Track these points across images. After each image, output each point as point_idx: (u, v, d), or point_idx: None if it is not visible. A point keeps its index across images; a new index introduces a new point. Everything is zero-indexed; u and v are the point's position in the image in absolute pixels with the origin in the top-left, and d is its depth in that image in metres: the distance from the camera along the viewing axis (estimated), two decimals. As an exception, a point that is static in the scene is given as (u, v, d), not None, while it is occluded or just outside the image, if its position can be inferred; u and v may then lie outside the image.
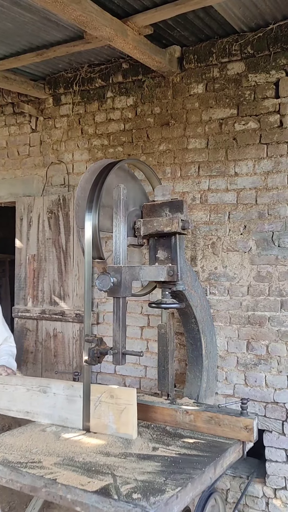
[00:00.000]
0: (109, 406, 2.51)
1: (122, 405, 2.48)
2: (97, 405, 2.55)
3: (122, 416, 2.47)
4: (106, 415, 2.52)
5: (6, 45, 3.51)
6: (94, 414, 2.55)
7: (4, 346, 3.12)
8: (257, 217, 3.26)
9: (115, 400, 2.50)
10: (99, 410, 2.54)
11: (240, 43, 3.25)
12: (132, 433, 2.45)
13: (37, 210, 4.28)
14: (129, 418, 2.46)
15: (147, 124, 3.75)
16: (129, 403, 2.46)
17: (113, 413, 2.50)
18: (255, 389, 3.23)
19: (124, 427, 2.46)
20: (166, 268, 2.78)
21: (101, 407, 2.54)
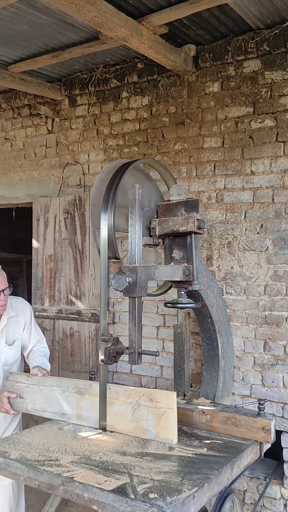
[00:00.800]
0: (148, 409, 2.44)
1: (161, 409, 2.40)
2: (136, 408, 2.47)
3: (162, 420, 2.40)
4: (145, 419, 2.45)
5: (22, 47, 3.55)
6: (133, 418, 2.49)
7: (38, 347, 3.10)
8: (274, 216, 3.23)
9: (155, 403, 2.42)
10: (138, 413, 2.47)
11: (256, 40, 3.22)
12: (173, 438, 2.37)
13: (53, 211, 4.31)
14: (169, 422, 2.38)
15: (162, 123, 3.74)
16: (169, 407, 2.38)
17: (152, 417, 2.43)
18: (272, 389, 3.20)
19: (164, 431, 2.39)
20: (182, 267, 2.77)
21: (139, 410, 2.46)
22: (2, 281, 2.80)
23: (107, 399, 2.56)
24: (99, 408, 2.61)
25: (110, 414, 2.55)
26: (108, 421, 2.56)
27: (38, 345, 3.11)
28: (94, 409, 2.61)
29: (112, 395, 2.56)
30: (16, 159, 4.71)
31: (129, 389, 2.55)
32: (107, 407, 2.56)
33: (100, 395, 2.61)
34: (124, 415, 2.51)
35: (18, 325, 3.02)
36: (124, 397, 2.52)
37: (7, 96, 4.55)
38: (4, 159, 4.81)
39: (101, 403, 2.61)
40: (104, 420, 2.61)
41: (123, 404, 2.52)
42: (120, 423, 2.52)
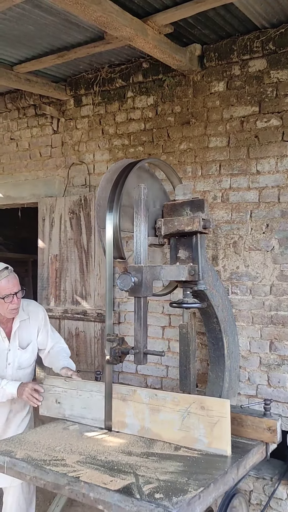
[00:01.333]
0: (200, 418, 2.31)
1: (214, 417, 2.27)
2: (185, 416, 2.35)
3: (215, 429, 2.26)
4: (197, 428, 2.31)
5: (28, 47, 3.56)
6: (182, 426, 2.36)
7: (57, 347, 3.04)
8: (279, 215, 3.22)
9: (207, 411, 2.29)
10: (188, 422, 2.34)
11: (262, 39, 3.21)
12: (227, 448, 2.24)
13: (59, 211, 4.32)
14: (222, 432, 2.25)
15: (168, 123, 3.74)
16: (223, 416, 2.25)
17: (204, 426, 2.30)
18: (278, 389, 3.19)
19: (217, 441, 2.26)
20: (187, 267, 2.76)
21: (190, 419, 2.34)
22: (16, 283, 2.75)
23: (153, 406, 2.46)
24: (105, 408, 2.61)
25: (157, 421, 2.45)
26: (154, 429, 2.46)
27: (57, 345, 3.05)
28: (139, 417, 2.51)
29: (159, 401, 2.45)
30: (21, 159, 4.73)
31: (178, 396, 2.43)
32: (153, 414, 2.46)
33: (106, 395, 2.61)
34: (172, 423, 2.40)
35: (31, 328, 2.96)
36: (172, 404, 2.40)
37: (12, 96, 4.57)
38: (9, 159, 4.82)
39: (107, 403, 2.61)
40: (110, 420, 2.61)
41: (171, 412, 2.40)
42: (167, 431, 2.41)
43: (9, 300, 2.71)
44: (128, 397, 2.54)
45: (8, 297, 2.70)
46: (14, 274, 2.80)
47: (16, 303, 2.75)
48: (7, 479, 2.79)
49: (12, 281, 2.74)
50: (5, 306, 2.72)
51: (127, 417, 2.54)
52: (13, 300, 2.72)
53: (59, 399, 2.76)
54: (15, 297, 2.73)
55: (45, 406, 2.80)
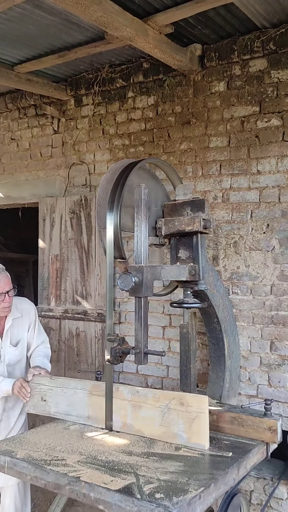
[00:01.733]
0: (179, 414, 2.35)
1: (193, 413, 2.31)
2: (165, 412, 2.39)
3: (194, 425, 2.31)
4: (176, 424, 2.36)
5: (28, 47, 3.56)
6: (163, 422, 2.40)
7: (40, 347, 3.10)
8: (280, 215, 3.22)
9: (186, 407, 2.33)
10: (168, 418, 2.38)
11: (262, 39, 3.21)
12: (205, 443, 2.29)
13: (59, 211, 4.32)
14: (201, 427, 2.30)
15: (168, 123, 3.74)
16: (201, 411, 2.29)
17: (183, 421, 2.34)
18: (279, 389, 3.19)
19: (196, 436, 2.31)
20: (188, 267, 2.76)
21: (170, 414, 2.38)
22: (7, 282, 2.80)
23: (135, 402, 2.49)
24: (105, 408, 2.62)
25: (138, 418, 2.48)
26: (136, 426, 2.48)
27: (42, 345, 3.11)
28: (121, 413, 2.53)
29: (141, 398, 2.48)
30: (22, 159, 4.73)
31: (158, 393, 2.46)
32: (135, 410, 2.49)
33: (106, 395, 2.61)
34: (153, 420, 2.43)
35: (23, 325, 3.02)
36: (153, 401, 2.44)
37: (13, 96, 4.57)
38: (10, 159, 4.82)
39: (107, 403, 2.61)
40: (110, 420, 2.61)
41: (152, 408, 2.44)
42: (149, 427, 2.45)
43: (1, 298, 2.76)
44: None
45: (0, 295, 2.74)
46: (6, 273, 2.84)
47: (8, 302, 2.79)
48: (4, 478, 2.80)
49: (4, 280, 2.78)
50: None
51: None
52: (5, 299, 2.77)
53: (45, 397, 2.79)
54: (7, 295, 2.78)
55: (31, 403, 2.84)
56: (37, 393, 2.81)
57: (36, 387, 2.82)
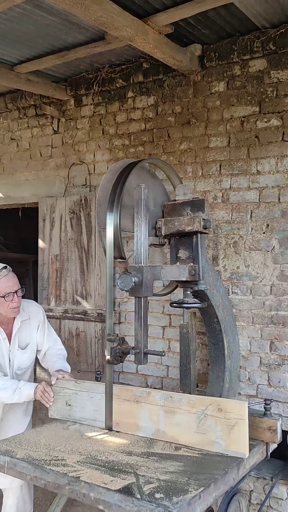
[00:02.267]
0: (217, 420, 2.26)
1: (232, 419, 2.22)
2: (202, 418, 2.30)
3: (233, 432, 2.22)
4: (213, 431, 2.27)
5: (28, 47, 3.56)
6: (199, 429, 2.31)
7: (54, 349, 3.02)
8: (280, 215, 3.22)
9: (224, 414, 2.24)
10: (205, 424, 2.29)
11: (262, 39, 3.21)
12: (245, 451, 2.21)
13: (59, 211, 4.32)
14: (241, 434, 2.20)
15: (168, 123, 3.74)
16: (241, 418, 2.21)
17: (221, 428, 2.25)
18: (278, 389, 3.19)
19: (235, 444, 2.22)
20: (188, 267, 2.77)
21: (206, 421, 2.29)
22: (15, 282, 2.75)
23: (168, 408, 2.41)
24: (105, 408, 2.62)
25: (172, 424, 2.40)
26: (169, 432, 2.41)
27: (54, 347, 3.04)
28: (153, 419, 2.46)
29: (174, 404, 2.39)
30: (22, 159, 4.73)
31: (194, 398, 2.37)
32: (168, 416, 2.41)
33: (106, 395, 2.61)
34: (189, 426, 2.35)
35: (31, 328, 2.96)
36: (188, 406, 2.35)
37: (13, 96, 4.57)
38: (10, 159, 4.82)
39: (107, 402, 2.61)
40: (110, 420, 2.61)
41: (187, 414, 2.35)
42: (183, 434, 2.36)
43: (10, 298, 2.71)
44: (142, 399, 2.50)
45: (9, 295, 2.70)
46: (12, 273, 2.80)
47: (16, 302, 2.74)
48: (6, 481, 2.80)
49: (12, 280, 2.74)
50: (5, 305, 2.72)
51: (141, 420, 2.49)
52: (14, 298, 2.72)
53: (69, 402, 2.71)
54: (16, 295, 2.73)
55: (55, 408, 2.76)
56: (61, 397, 2.73)
57: (60, 391, 2.74)
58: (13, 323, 2.87)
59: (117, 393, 2.57)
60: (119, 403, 2.56)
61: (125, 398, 2.55)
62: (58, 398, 2.74)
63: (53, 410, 2.77)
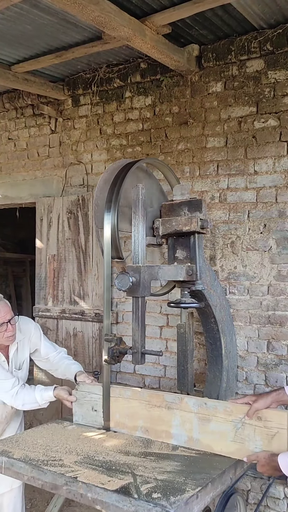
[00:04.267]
0: (256, 429, 2.19)
1: (273, 429, 2.14)
2: (240, 427, 2.22)
3: (274, 442, 2.13)
4: (252, 440, 2.19)
5: (25, 47, 3.56)
6: (236, 438, 2.24)
7: (61, 353, 3.03)
8: (277, 215, 3.23)
9: (264, 422, 2.17)
10: (242, 433, 2.22)
11: (259, 40, 3.21)
12: None
13: (56, 211, 4.32)
14: (281, 444, 2.11)
15: (166, 123, 3.74)
16: (282, 427, 2.13)
17: (261, 437, 2.17)
18: (276, 389, 3.20)
19: None
20: (185, 267, 2.77)
21: (244, 430, 2.21)
22: (8, 311, 2.71)
23: (202, 415, 2.34)
24: (102, 408, 2.62)
25: (207, 432, 2.32)
26: (204, 441, 2.33)
27: (55, 351, 3.03)
28: (186, 427, 2.38)
29: (209, 411, 2.32)
30: (19, 159, 4.72)
31: (231, 405, 2.29)
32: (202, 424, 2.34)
33: (104, 395, 2.62)
34: (225, 435, 2.27)
35: (25, 346, 2.94)
36: (225, 414, 2.28)
37: (10, 96, 4.56)
38: (7, 159, 4.82)
39: (105, 403, 2.61)
40: (108, 420, 2.61)
41: (223, 422, 2.28)
42: (219, 443, 2.28)
43: (4, 329, 2.68)
44: (174, 405, 2.42)
45: (2, 325, 2.67)
46: (5, 301, 2.77)
47: (11, 331, 2.71)
48: (6, 485, 2.79)
49: (4, 309, 2.70)
50: (0, 334, 2.70)
51: (173, 427, 2.42)
52: (8, 328, 2.69)
53: (96, 407, 2.64)
54: (9, 324, 2.69)
55: (80, 413, 2.69)
56: (86, 402, 2.67)
57: (85, 396, 2.68)
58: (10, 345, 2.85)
59: (147, 398, 2.51)
60: (148, 409, 2.49)
61: (155, 404, 2.47)
62: (84, 403, 2.67)
63: (78, 416, 2.71)
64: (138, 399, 2.53)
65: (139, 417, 2.52)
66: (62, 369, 2.97)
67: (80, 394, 2.69)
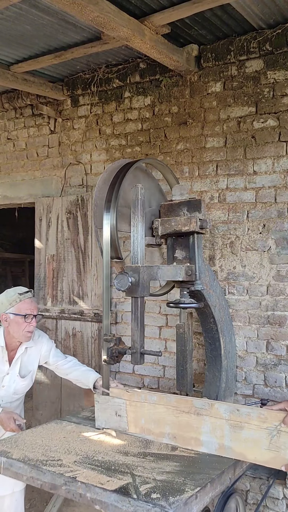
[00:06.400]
0: None
1: None
2: (275, 435, 2.15)
3: None
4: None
5: (25, 47, 3.56)
6: (271, 446, 2.16)
7: (73, 361, 3.06)
8: (276, 216, 3.23)
9: None
10: (278, 441, 2.14)
11: (259, 40, 3.21)
12: None
13: (56, 211, 4.32)
14: None
15: (165, 123, 3.74)
16: None
17: None
18: (275, 389, 3.20)
19: None
20: (184, 267, 2.77)
21: (280, 438, 2.14)
22: (36, 307, 2.83)
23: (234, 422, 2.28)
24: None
25: (239, 440, 2.26)
26: (236, 449, 2.26)
27: (66, 360, 3.05)
28: (217, 434, 2.31)
29: (242, 418, 2.25)
30: (18, 159, 4.72)
31: (265, 412, 2.23)
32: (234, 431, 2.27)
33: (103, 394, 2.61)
34: (259, 443, 2.21)
35: (34, 356, 2.95)
36: (259, 421, 2.22)
37: (9, 96, 4.56)
38: (6, 159, 4.81)
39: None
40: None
41: (257, 430, 2.22)
42: (253, 451, 2.22)
43: (29, 320, 2.75)
44: (203, 411, 2.35)
45: (28, 317, 2.75)
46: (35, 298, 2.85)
47: (33, 326, 2.79)
48: (7, 488, 2.78)
49: (34, 304, 2.83)
50: (22, 326, 2.75)
51: (203, 434, 2.35)
52: (32, 321, 2.76)
53: (120, 412, 2.58)
54: (34, 319, 2.79)
55: (103, 418, 2.64)
56: (110, 407, 2.61)
57: (109, 401, 2.63)
58: (18, 348, 2.87)
59: (174, 404, 2.44)
60: (176, 414, 2.42)
61: (184, 410, 2.40)
62: (107, 408, 2.62)
63: (100, 421, 2.66)
64: (164, 405, 2.45)
65: (165, 423, 2.44)
66: (77, 374, 2.98)
67: (103, 398, 2.63)
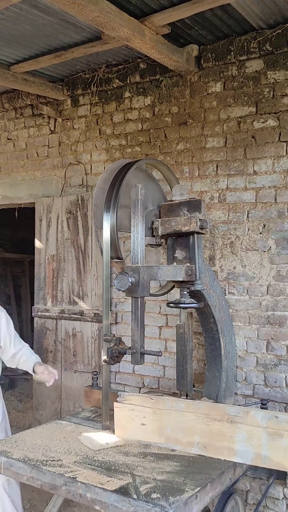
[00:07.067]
0: None
1: None
2: None
3: None
4: None
5: (25, 47, 3.56)
6: None
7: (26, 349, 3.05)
8: (276, 216, 3.23)
9: None
10: None
11: (259, 40, 3.21)
12: None
13: (56, 211, 4.32)
14: None
15: (165, 123, 3.74)
16: None
17: None
18: (275, 389, 3.20)
19: None
20: (184, 267, 2.77)
21: None
22: None
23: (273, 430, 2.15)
24: (102, 407, 2.61)
25: (278, 449, 2.13)
26: (274, 458, 2.13)
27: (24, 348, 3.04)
28: (253, 443, 2.17)
29: (281, 425, 2.13)
30: (18, 159, 4.72)
31: None
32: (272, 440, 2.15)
33: (103, 396, 2.61)
34: None
35: None
36: None
37: (9, 96, 4.56)
38: (6, 159, 4.81)
39: (104, 403, 2.61)
40: (107, 420, 2.61)
41: None
42: None
43: None
44: (238, 419, 2.22)
45: None
46: None
47: None
48: None
49: None
50: None
51: (237, 443, 2.21)
52: None
53: (142, 420, 2.43)
54: None
55: (123, 427, 2.46)
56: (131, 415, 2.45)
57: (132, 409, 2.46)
58: None
59: (205, 411, 2.30)
60: (207, 422, 2.27)
61: (215, 418, 2.26)
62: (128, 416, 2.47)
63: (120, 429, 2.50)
64: (194, 412, 2.31)
65: (195, 432, 2.29)
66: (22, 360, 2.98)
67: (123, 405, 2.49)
